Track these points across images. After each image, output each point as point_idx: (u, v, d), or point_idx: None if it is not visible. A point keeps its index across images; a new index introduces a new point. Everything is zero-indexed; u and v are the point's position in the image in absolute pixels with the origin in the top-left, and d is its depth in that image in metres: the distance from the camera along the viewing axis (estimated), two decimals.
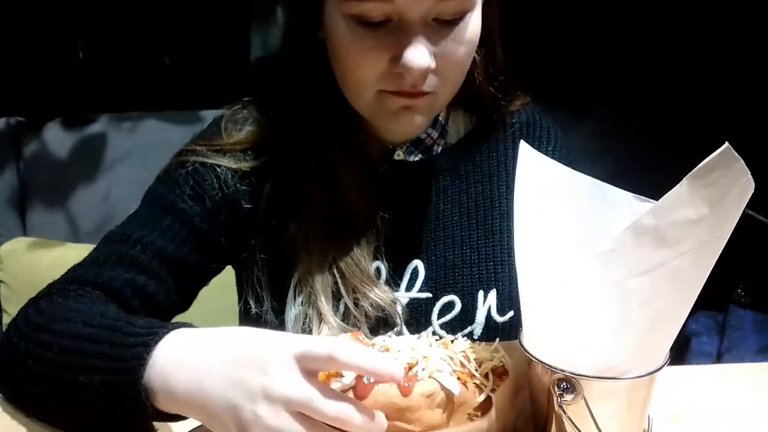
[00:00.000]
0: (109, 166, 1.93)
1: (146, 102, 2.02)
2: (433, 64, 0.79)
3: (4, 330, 0.81)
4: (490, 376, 0.65)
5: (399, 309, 0.89)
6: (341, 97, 0.87)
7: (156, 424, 0.69)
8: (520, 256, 0.63)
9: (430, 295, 0.92)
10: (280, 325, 0.88)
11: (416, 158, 0.94)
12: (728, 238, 0.57)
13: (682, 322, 0.60)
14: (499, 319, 0.92)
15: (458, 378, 0.63)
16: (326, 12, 0.82)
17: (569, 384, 0.60)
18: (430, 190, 0.94)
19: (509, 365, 0.66)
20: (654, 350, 0.61)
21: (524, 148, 0.67)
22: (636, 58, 2.14)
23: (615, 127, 2.07)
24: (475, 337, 0.92)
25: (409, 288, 0.92)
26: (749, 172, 0.54)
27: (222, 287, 0.98)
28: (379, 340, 0.66)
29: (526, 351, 0.63)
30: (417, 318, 0.91)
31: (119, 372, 0.65)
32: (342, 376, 0.61)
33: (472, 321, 0.92)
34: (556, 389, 0.60)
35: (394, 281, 0.91)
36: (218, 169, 0.90)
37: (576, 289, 0.60)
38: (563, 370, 0.60)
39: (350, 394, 0.61)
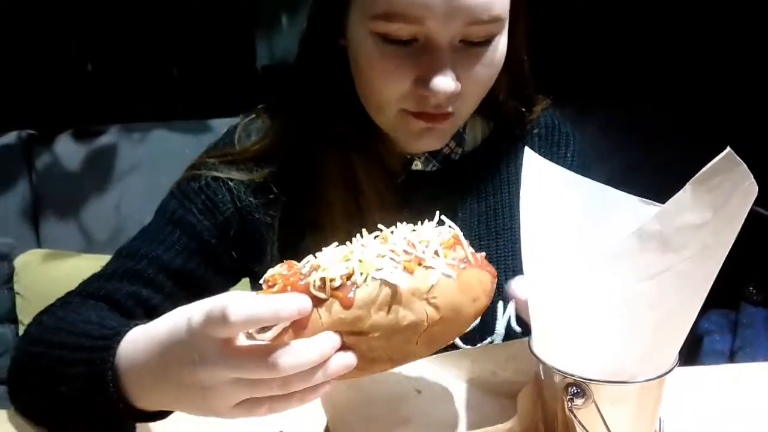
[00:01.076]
0: (120, 177, 1.95)
1: (155, 112, 2.04)
2: (459, 88, 0.78)
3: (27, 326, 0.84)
4: (441, 252, 0.59)
5: None
6: (361, 107, 0.86)
7: None
8: (527, 262, 0.63)
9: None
10: None
11: (434, 168, 0.94)
12: (734, 240, 0.57)
13: (690, 324, 0.61)
14: (518, 329, 0.92)
15: (404, 268, 0.57)
16: (351, 22, 0.81)
17: (579, 388, 0.60)
18: (449, 199, 0.93)
19: (458, 233, 0.62)
20: (663, 353, 0.62)
21: (529, 154, 0.67)
22: (641, 54, 2.14)
23: (621, 124, 2.07)
24: None
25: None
26: (752, 176, 0.54)
27: None
28: (306, 260, 0.59)
29: (536, 356, 0.64)
30: None
31: (91, 366, 0.67)
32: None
33: (491, 332, 0.92)
34: (566, 394, 0.61)
35: None
36: (231, 183, 0.90)
37: (583, 294, 0.60)
38: (573, 375, 0.60)
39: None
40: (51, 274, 1.84)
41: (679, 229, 0.56)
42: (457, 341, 0.91)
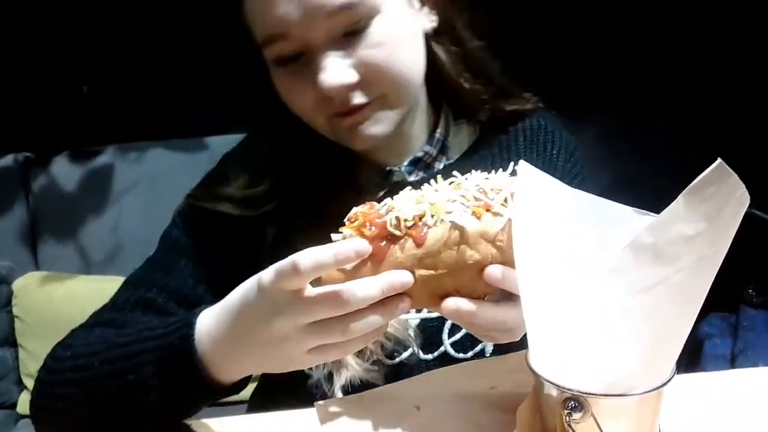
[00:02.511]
0: (117, 197, 1.96)
1: (151, 131, 2.04)
2: (354, 77, 0.80)
3: (20, 367, 0.87)
4: (509, 199, 0.64)
5: (411, 332, 0.90)
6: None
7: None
8: (521, 275, 0.63)
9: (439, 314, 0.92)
10: None
11: (417, 177, 0.94)
12: (728, 249, 0.57)
13: (687, 335, 0.60)
14: None
15: (473, 213, 0.62)
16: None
17: (577, 402, 0.60)
18: None
19: None
20: (660, 365, 0.62)
21: (523, 165, 0.67)
22: (637, 61, 2.15)
23: (617, 132, 2.08)
24: (487, 354, 0.93)
25: (419, 309, 0.92)
26: (744, 186, 0.55)
27: None
28: (384, 201, 0.65)
29: (533, 370, 0.64)
30: (429, 338, 0.92)
31: (170, 349, 0.70)
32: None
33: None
34: (564, 408, 0.61)
35: None
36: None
37: (579, 307, 0.60)
38: (570, 389, 0.60)
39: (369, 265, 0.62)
40: (50, 296, 1.84)
41: (673, 240, 0.56)
42: (450, 350, 0.92)
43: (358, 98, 0.81)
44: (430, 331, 0.92)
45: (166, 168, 1.92)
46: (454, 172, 0.67)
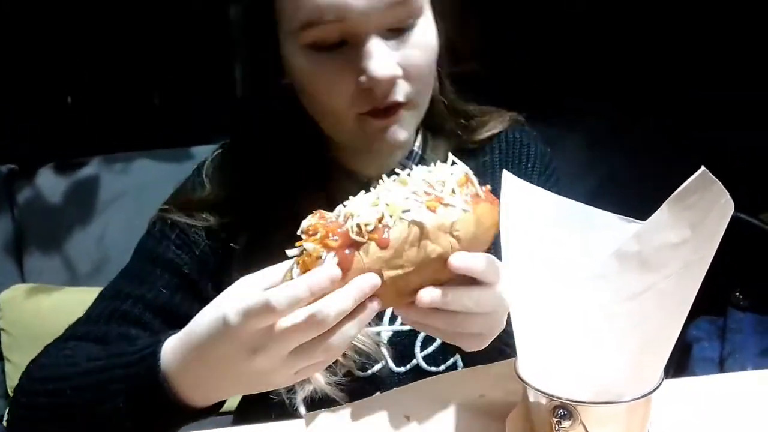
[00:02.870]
0: (103, 208, 1.94)
1: (137, 142, 2.03)
2: (399, 71, 0.79)
3: (6, 381, 0.87)
4: (456, 190, 0.65)
5: (383, 345, 0.90)
6: (309, 144, 0.88)
7: None
8: (509, 284, 0.63)
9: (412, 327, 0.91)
10: None
11: None
12: (713, 256, 0.58)
13: (674, 341, 0.61)
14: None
15: (427, 207, 0.63)
16: (286, 54, 0.83)
17: (566, 410, 0.60)
18: None
19: (469, 171, 0.68)
20: (648, 371, 0.62)
21: (507, 176, 0.67)
22: (628, 64, 2.16)
23: (605, 136, 2.09)
24: (459, 368, 0.94)
25: (392, 321, 0.92)
26: (727, 193, 0.55)
27: None
28: (338, 210, 0.65)
29: (522, 378, 0.64)
30: (401, 351, 0.92)
31: (138, 379, 0.69)
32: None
33: (454, 352, 0.93)
34: (554, 416, 0.61)
35: (377, 315, 0.90)
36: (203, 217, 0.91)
37: (566, 315, 0.60)
38: (559, 397, 0.60)
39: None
40: (36, 308, 1.82)
41: (658, 248, 0.57)
42: (423, 364, 0.92)
43: (398, 95, 0.80)
44: (402, 344, 0.92)
45: (152, 178, 1.91)
46: (396, 170, 0.68)
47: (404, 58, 0.79)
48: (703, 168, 0.55)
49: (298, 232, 0.63)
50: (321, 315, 0.58)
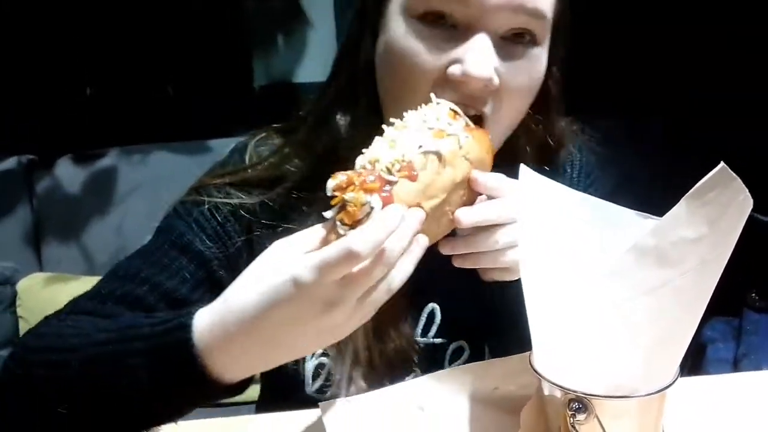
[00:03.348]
0: (121, 199, 1.96)
1: (154, 133, 2.05)
2: (495, 79, 0.73)
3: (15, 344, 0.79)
4: (453, 120, 0.69)
5: (415, 355, 0.87)
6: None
7: None
8: (526, 279, 0.63)
9: (444, 340, 0.89)
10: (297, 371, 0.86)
11: None
12: (731, 253, 0.58)
13: (690, 337, 0.61)
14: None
15: (435, 137, 0.67)
16: (388, 12, 0.77)
17: (581, 404, 0.61)
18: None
19: (454, 106, 0.71)
20: (664, 367, 0.62)
21: (524, 170, 0.68)
22: (640, 63, 2.15)
23: (620, 136, 2.08)
24: None
25: (424, 332, 0.89)
26: (747, 190, 0.55)
27: None
28: (359, 160, 0.65)
29: (537, 372, 0.64)
30: (431, 363, 0.88)
31: (164, 351, 0.64)
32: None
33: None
34: (568, 409, 0.61)
35: (411, 324, 0.88)
36: (242, 212, 0.85)
37: (582, 309, 0.60)
38: (575, 391, 0.61)
39: None
40: (53, 297, 1.84)
41: (676, 243, 0.57)
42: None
43: (486, 107, 0.75)
44: (433, 357, 0.89)
45: (169, 170, 1.93)
46: (391, 119, 0.69)
47: (507, 72, 0.75)
48: (722, 164, 0.55)
49: (329, 193, 0.62)
50: (389, 254, 0.58)
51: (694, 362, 1.67)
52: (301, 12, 2.15)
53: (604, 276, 0.60)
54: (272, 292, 0.59)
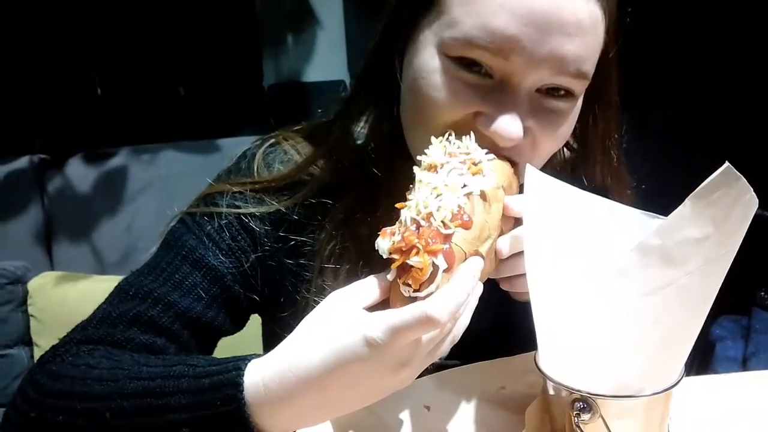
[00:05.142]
0: (131, 198, 1.97)
1: (164, 133, 2.06)
2: (521, 136, 0.69)
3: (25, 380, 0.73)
4: (473, 146, 0.67)
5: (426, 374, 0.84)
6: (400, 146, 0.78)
7: None
8: (531, 278, 0.64)
9: (458, 361, 0.85)
10: None
11: None
12: (736, 253, 0.58)
13: (695, 337, 0.61)
14: None
15: (472, 174, 0.65)
16: (419, 42, 0.72)
17: (586, 403, 0.61)
18: None
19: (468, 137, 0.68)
20: (668, 366, 0.62)
21: (530, 170, 0.67)
22: (648, 59, 2.14)
23: (629, 131, 2.07)
24: None
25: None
26: (752, 189, 0.55)
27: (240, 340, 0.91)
28: (403, 216, 0.63)
29: (542, 372, 0.64)
30: None
31: (209, 408, 0.61)
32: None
33: None
34: (573, 409, 0.61)
35: None
36: (254, 224, 0.82)
37: (587, 309, 0.61)
38: (579, 391, 0.61)
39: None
40: (64, 295, 1.86)
41: (680, 243, 0.57)
42: None
43: (511, 152, 0.71)
44: None
45: (179, 169, 1.94)
46: (418, 158, 0.67)
47: (537, 126, 0.70)
48: (727, 164, 0.55)
49: (384, 255, 0.62)
50: (459, 314, 0.59)
51: (703, 361, 1.66)
52: (310, 12, 2.16)
53: (609, 275, 0.60)
54: (342, 351, 0.58)
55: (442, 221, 0.60)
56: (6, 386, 1.87)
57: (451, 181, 0.63)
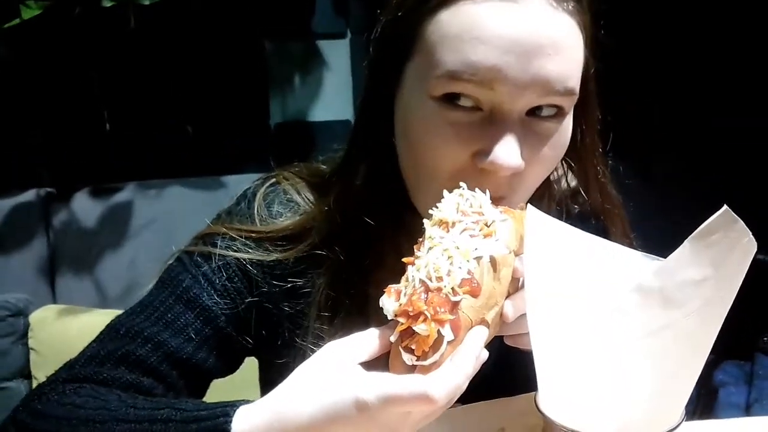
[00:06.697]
0: (136, 233, 1.98)
1: (170, 169, 2.08)
2: (522, 164, 0.68)
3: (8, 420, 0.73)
4: (486, 206, 0.65)
5: None
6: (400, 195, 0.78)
7: None
8: (531, 318, 0.64)
9: (458, 403, 0.86)
10: None
11: None
12: (735, 296, 0.58)
13: (695, 379, 0.61)
14: None
15: (484, 236, 0.63)
16: (403, 87, 0.73)
17: None
18: None
19: (482, 195, 0.66)
20: (668, 409, 0.62)
21: (531, 210, 0.68)
22: (651, 104, 2.16)
23: (632, 176, 2.08)
24: None
25: None
26: (750, 233, 0.56)
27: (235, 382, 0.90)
28: (411, 275, 0.62)
29: (543, 413, 0.64)
30: None
31: None
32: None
33: None
34: None
35: None
36: (251, 267, 0.81)
37: (587, 350, 0.61)
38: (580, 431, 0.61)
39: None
40: (65, 329, 1.85)
41: (680, 284, 0.57)
42: None
43: (504, 189, 0.71)
44: None
45: (184, 205, 1.95)
46: (429, 211, 0.65)
47: (533, 153, 0.70)
48: (725, 207, 0.55)
49: (389, 316, 0.61)
50: (459, 388, 0.58)
51: (706, 406, 1.65)
52: (318, 54, 2.19)
53: (608, 316, 0.60)
54: (332, 409, 0.58)
55: (452, 288, 0.59)
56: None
57: (462, 243, 0.61)
